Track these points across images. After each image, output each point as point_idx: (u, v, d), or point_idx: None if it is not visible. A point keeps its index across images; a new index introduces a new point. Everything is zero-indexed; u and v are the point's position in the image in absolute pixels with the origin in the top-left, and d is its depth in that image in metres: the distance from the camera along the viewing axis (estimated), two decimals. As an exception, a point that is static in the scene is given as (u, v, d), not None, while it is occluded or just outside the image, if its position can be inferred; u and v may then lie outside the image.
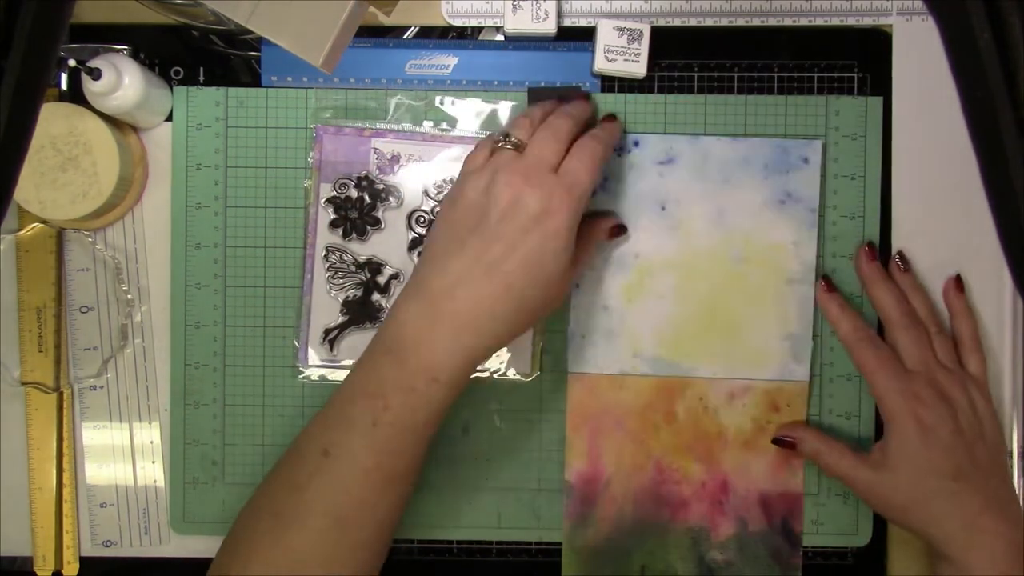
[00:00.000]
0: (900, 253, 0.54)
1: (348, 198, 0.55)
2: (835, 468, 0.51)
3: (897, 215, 0.55)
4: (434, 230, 0.49)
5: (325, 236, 0.55)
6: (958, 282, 0.54)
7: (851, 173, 0.55)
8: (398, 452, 0.47)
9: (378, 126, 0.55)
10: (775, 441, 0.54)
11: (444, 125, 0.55)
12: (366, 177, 0.55)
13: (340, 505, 0.46)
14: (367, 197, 0.55)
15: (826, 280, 0.54)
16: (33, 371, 0.55)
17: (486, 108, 0.55)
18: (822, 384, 0.55)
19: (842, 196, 0.55)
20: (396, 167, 0.55)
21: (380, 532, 0.48)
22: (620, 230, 0.54)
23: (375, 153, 0.55)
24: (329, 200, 0.55)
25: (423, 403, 0.46)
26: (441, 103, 0.55)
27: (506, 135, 0.48)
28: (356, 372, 0.48)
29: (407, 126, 0.55)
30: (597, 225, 0.53)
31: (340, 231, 0.55)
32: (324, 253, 0.55)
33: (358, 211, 0.55)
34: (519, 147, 0.48)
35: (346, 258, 0.55)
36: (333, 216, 0.55)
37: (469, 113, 0.55)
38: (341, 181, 0.55)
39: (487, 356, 0.48)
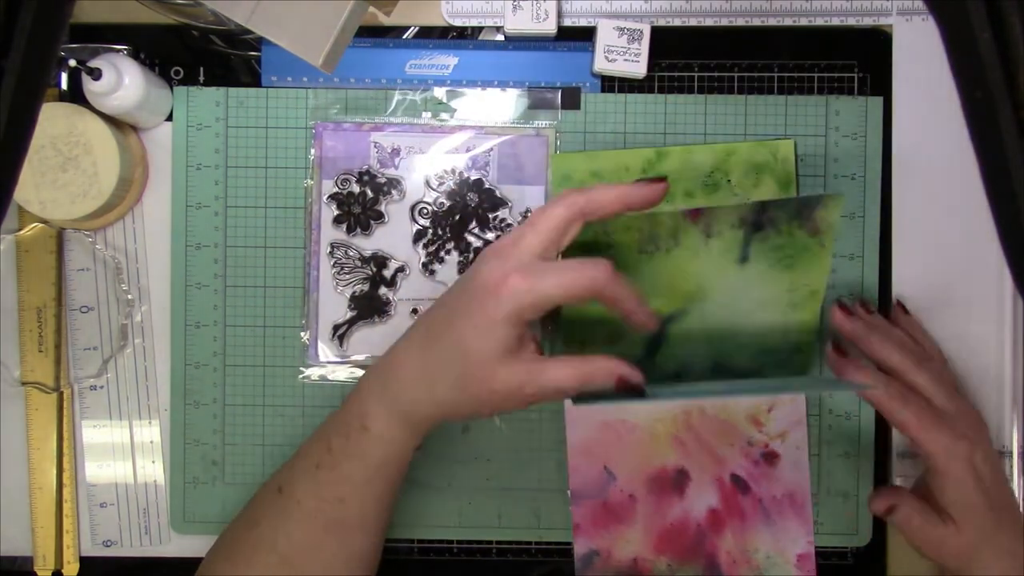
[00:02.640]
0: (861, 299, 0.53)
1: (350, 193, 0.55)
2: (926, 538, 0.47)
3: (897, 215, 0.55)
4: None
5: (329, 232, 0.55)
6: (901, 306, 0.54)
7: (851, 173, 0.55)
8: (338, 500, 0.45)
9: (377, 120, 0.55)
10: (870, 501, 0.50)
11: (443, 115, 0.55)
12: (367, 171, 0.55)
13: (284, 545, 0.46)
14: (369, 191, 0.55)
15: (835, 345, 0.50)
16: (33, 371, 0.55)
17: (486, 98, 0.55)
18: (822, 384, 0.55)
19: (842, 196, 0.55)
20: (397, 160, 0.55)
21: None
22: (631, 387, 0.42)
23: (375, 147, 0.55)
24: (331, 196, 0.55)
25: (357, 452, 0.45)
26: (439, 95, 0.55)
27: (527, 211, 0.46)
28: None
29: (406, 119, 0.55)
30: (604, 366, 0.42)
31: (344, 227, 0.55)
32: (329, 250, 0.55)
33: (361, 206, 0.55)
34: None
35: (351, 253, 0.55)
36: (336, 212, 0.55)
37: (468, 103, 0.55)
38: (343, 177, 0.55)
39: (421, 420, 0.45)
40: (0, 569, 0.56)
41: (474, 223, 0.55)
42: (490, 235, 0.55)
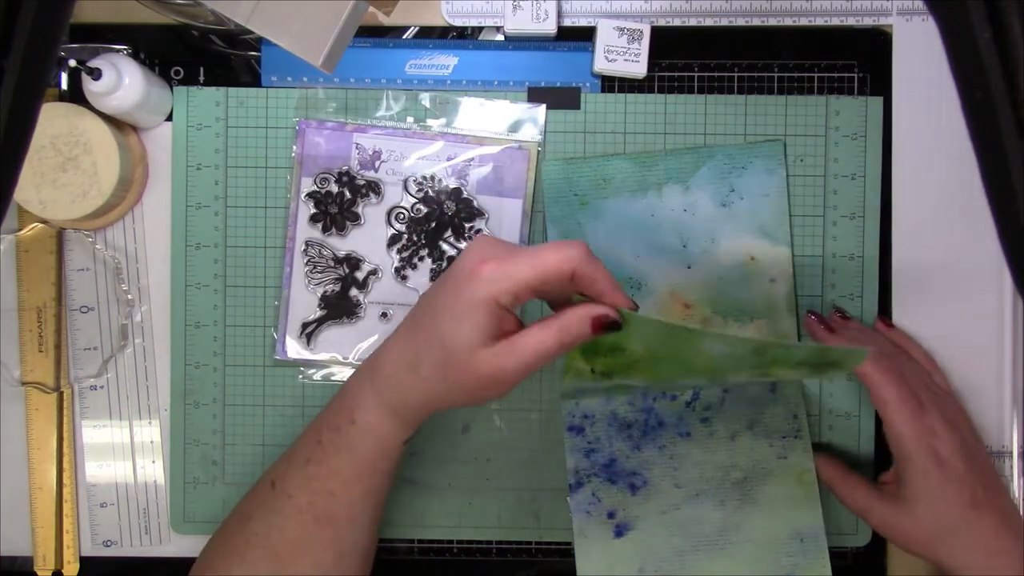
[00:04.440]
0: (835, 307, 0.55)
1: (328, 193, 0.55)
2: (850, 500, 0.51)
3: (897, 215, 0.55)
4: None
5: (305, 230, 0.55)
6: (884, 321, 0.54)
7: (851, 173, 0.55)
8: (328, 494, 0.46)
9: (360, 121, 0.55)
10: None
11: (429, 122, 0.55)
12: (347, 172, 0.55)
13: (276, 540, 0.46)
14: (347, 192, 0.55)
15: (818, 317, 0.53)
16: (33, 371, 0.55)
17: (472, 107, 0.55)
18: (822, 384, 0.55)
19: (842, 196, 0.55)
20: (377, 163, 0.55)
21: (318, 572, 0.46)
22: (611, 325, 0.41)
23: (357, 148, 0.55)
24: (309, 195, 0.55)
25: (346, 445, 0.46)
26: (425, 101, 0.55)
27: None
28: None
29: (389, 122, 0.55)
30: (576, 313, 0.41)
31: (320, 226, 0.55)
32: (303, 247, 0.55)
33: (338, 206, 0.55)
34: None
35: (325, 253, 0.55)
36: (313, 211, 0.55)
37: (455, 111, 0.55)
38: (322, 176, 0.55)
39: (409, 412, 0.45)
40: (0, 569, 0.56)
41: (449, 232, 0.55)
42: (464, 245, 0.55)
